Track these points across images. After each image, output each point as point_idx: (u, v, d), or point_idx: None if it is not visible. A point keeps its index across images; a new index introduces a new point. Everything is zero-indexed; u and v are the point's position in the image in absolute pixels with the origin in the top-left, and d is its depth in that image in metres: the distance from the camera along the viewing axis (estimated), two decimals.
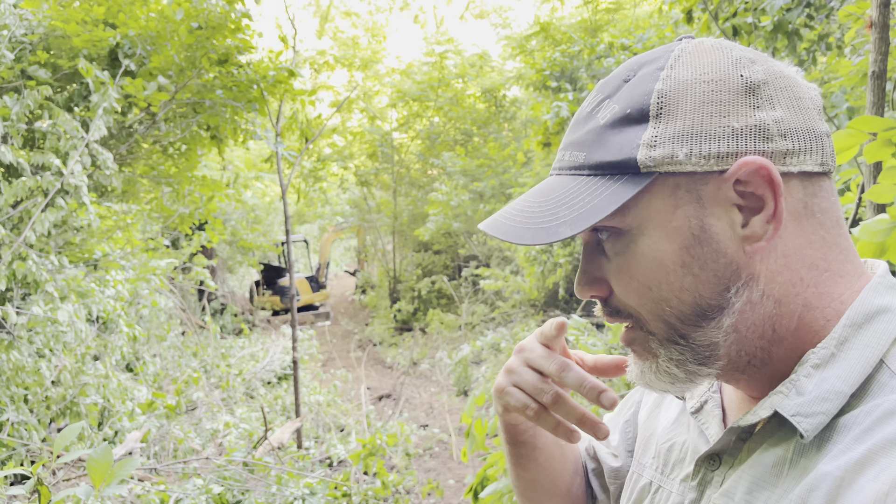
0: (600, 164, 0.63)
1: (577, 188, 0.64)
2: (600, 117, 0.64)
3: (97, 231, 5.74)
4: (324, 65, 16.34)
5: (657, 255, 0.62)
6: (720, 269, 0.61)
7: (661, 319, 0.64)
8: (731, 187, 0.60)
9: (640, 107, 0.62)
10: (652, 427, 0.85)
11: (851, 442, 0.56)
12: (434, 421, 7.79)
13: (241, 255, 14.63)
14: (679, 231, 0.61)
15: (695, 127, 0.60)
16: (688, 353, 0.64)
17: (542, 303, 10.93)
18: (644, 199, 0.62)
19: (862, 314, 0.61)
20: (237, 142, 6.24)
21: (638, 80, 0.64)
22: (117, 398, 5.12)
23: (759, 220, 0.60)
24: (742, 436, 0.66)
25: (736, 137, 0.60)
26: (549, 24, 12.03)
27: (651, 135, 0.61)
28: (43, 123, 4.66)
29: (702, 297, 0.62)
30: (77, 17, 4.84)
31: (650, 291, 0.63)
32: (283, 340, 9.41)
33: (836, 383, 0.58)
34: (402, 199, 16.06)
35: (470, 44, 23.31)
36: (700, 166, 0.60)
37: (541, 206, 0.65)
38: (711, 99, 0.60)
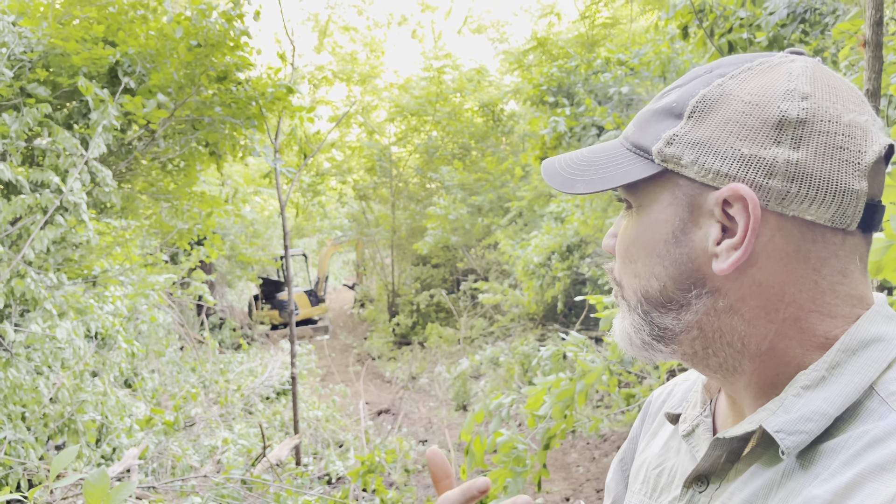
0: (636, 143, 0.69)
1: (613, 155, 0.70)
2: (660, 103, 0.69)
3: (96, 247, 5.75)
4: (322, 80, 16.43)
5: (643, 237, 0.68)
6: (685, 271, 0.65)
7: (633, 290, 0.70)
8: (720, 206, 0.63)
9: (682, 105, 0.66)
10: (645, 454, 0.86)
11: (840, 466, 0.56)
12: (433, 436, 7.76)
13: (240, 269, 14.63)
14: (664, 225, 0.66)
15: (711, 140, 0.63)
16: (644, 327, 0.70)
17: (541, 317, 10.92)
18: (652, 185, 0.67)
19: (857, 341, 0.62)
20: (236, 158, 6.26)
21: (702, 79, 0.67)
22: (115, 415, 5.10)
23: (727, 243, 0.63)
24: (730, 458, 0.67)
25: (739, 162, 0.61)
26: (547, 39, 12.11)
27: (673, 133, 0.65)
28: (42, 141, 4.67)
29: (666, 288, 0.67)
30: (77, 36, 4.87)
31: (632, 264, 0.70)
32: (281, 355, 9.39)
33: (822, 405, 0.60)
34: (400, 213, 16.09)
35: (468, 58, 23.46)
36: (699, 176, 0.63)
37: (582, 161, 0.72)
38: (739, 119, 0.62)
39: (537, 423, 3.18)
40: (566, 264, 9.40)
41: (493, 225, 13.15)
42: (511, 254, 10.92)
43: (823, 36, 4.94)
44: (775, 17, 4.95)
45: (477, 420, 3.20)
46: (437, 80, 15.32)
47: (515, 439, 2.94)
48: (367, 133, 16.80)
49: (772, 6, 5.01)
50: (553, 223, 10.12)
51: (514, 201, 12.59)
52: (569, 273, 9.44)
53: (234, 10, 5.05)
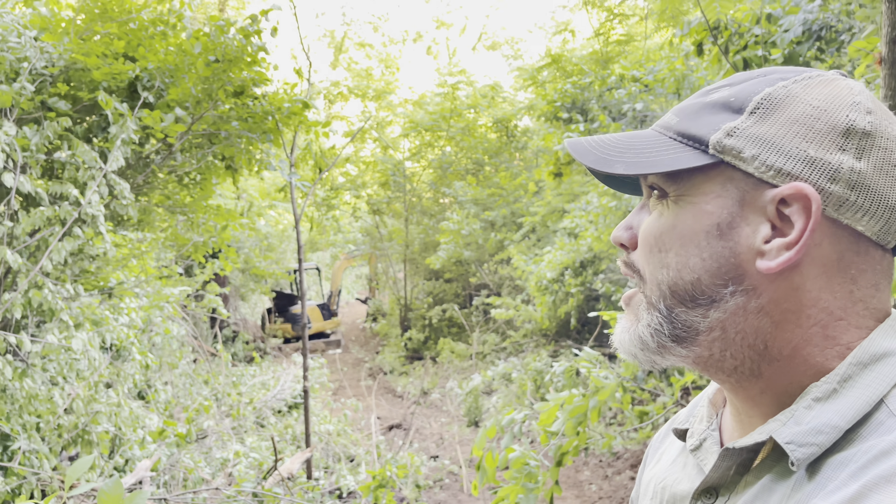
0: (684, 132, 0.67)
1: (653, 142, 0.68)
2: (710, 97, 0.68)
3: (112, 259, 5.80)
4: (338, 95, 16.56)
5: (681, 227, 0.66)
6: (726, 265, 0.64)
7: (657, 283, 0.68)
8: (775, 204, 0.62)
9: (743, 100, 0.65)
10: (653, 472, 0.85)
11: (846, 479, 0.56)
12: (444, 452, 7.72)
13: (254, 282, 14.69)
14: (709, 216, 0.65)
15: (776, 137, 0.62)
16: (665, 325, 0.67)
17: (554, 333, 10.87)
18: (698, 176, 0.66)
19: (869, 354, 0.62)
20: (251, 172, 6.31)
21: (763, 80, 0.66)
22: (129, 426, 5.12)
23: (779, 242, 0.62)
24: (739, 470, 0.67)
25: (804, 163, 0.62)
26: (561, 55, 12.17)
27: (734, 125, 0.64)
28: (62, 154, 4.74)
29: (699, 282, 0.65)
30: (97, 51, 4.94)
31: (659, 253, 0.67)
32: (294, 369, 9.41)
33: (834, 417, 0.60)
34: (413, 228, 16.13)
35: (482, 75, 23.50)
36: (759, 172, 0.62)
37: (617, 143, 0.70)
38: (806, 122, 0.62)
39: (550, 439, 3.17)
40: (579, 280, 9.36)
41: (506, 240, 13.15)
42: (524, 269, 10.90)
43: (839, 54, 4.93)
44: (790, 34, 4.95)
45: (489, 435, 3.19)
46: (451, 95, 15.41)
47: (528, 455, 2.92)
48: (381, 148, 16.89)
49: (787, 23, 5.01)
50: (566, 239, 10.10)
51: (527, 217, 12.59)
52: (582, 289, 9.40)
53: (251, 26, 5.11)
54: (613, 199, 7.90)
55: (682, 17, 9.24)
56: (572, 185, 11.07)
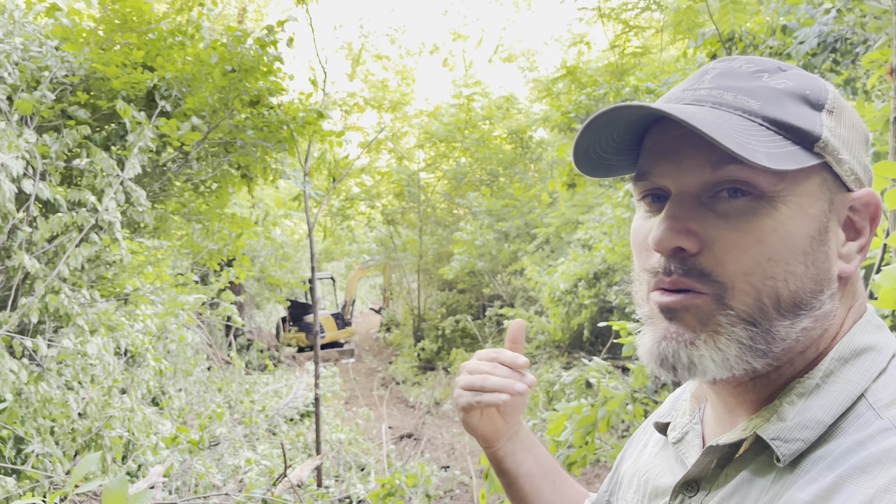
0: (778, 120, 0.61)
1: (754, 128, 0.60)
2: (772, 83, 0.63)
3: (128, 266, 5.87)
4: (354, 106, 16.67)
5: (792, 232, 0.61)
6: (823, 271, 0.62)
7: (757, 296, 0.61)
8: (847, 208, 0.64)
9: (818, 95, 0.64)
10: (636, 465, 0.86)
11: (823, 469, 0.57)
12: (455, 462, 7.70)
13: (269, 291, 14.78)
14: (814, 220, 0.62)
15: (850, 141, 0.64)
16: (759, 340, 0.61)
17: (567, 344, 10.83)
18: (801, 176, 0.62)
19: (849, 350, 0.63)
20: (266, 181, 6.37)
21: (802, 74, 0.65)
22: (142, 432, 5.16)
23: (854, 246, 0.65)
24: (720, 462, 0.67)
25: (864, 170, 0.65)
26: (576, 67, 12.17)
27: (829, 123, 0.62)
28: (81, 161, 4.81)
29: (803, 290, 0.61)
30: (117, 60, 5.02)
31: (768, 262, 0.60)
32: (306, 377, 9.44)
33: (818, 413, 0.61)
34: (427, 238, 16.16)
35: (497, 86, 23.59)
36: (846, 175, 0.63)
37: (727, 124, 0.59)
38: (857, 127, 0.65)
39: (558, 449, 3.16)
40: (593, 292, 9.33)
41: (520, 251, 13.14)
42: (537, 280, 10.88)
43: (854, 66, 4.91)
44: (805, 46, 4.94)
45: None
46: (466, 107, 15.46)
47: None
48: (396, 159, 16.97)
49: (802, 35, 5.00)
50: (580, 250, 10.08)
51: (541, 228, 12.58)
52: (595, 301, 9.37)
53: (268, 36, 5.18)
54: (628, 211, 7.88)
55: (697, 30, 9.23)
56: (586, 197, 11.05)
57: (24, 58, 4.70)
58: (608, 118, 0.63)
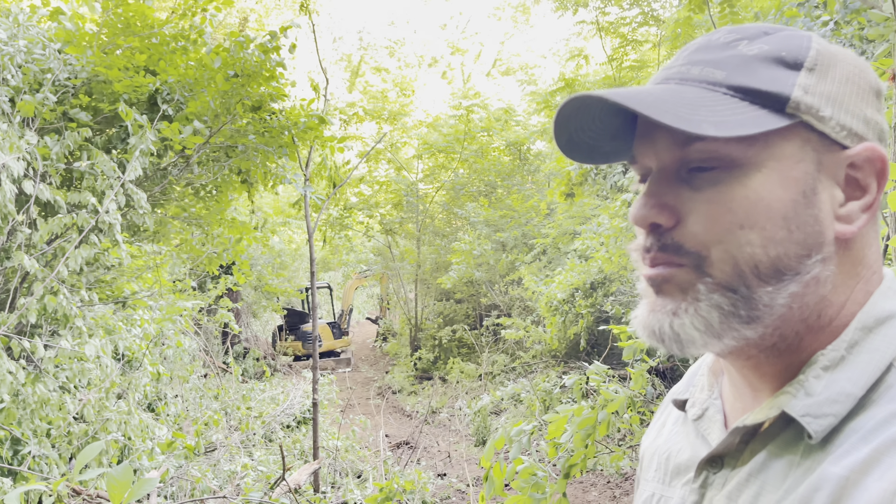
0: (744, 87, 0.61)
1: (714, 98, 0.60)
2: (744, 50, 0.63)
3: (127, 269, 5.87)
4: (353, 116, 16.72)
5: (767, 197, 0.60)
6: (811, 235, 0.60)
7: (735, 263, 0.60)
8: (845, 166, 0.61)
9: (796, 54, 0.62)
10: (656, 444, 0.85)
11: (857, 442, 0.56)
12: (452, 470, 7.67)
13: (266, 299, 14.76)
14: (796, 183, 0.60)
15: (840, 96, 0.61)
16: (741, 306, 0.61)
17: (563, 354, 10.83)
18: (775, 138, 0.60)
19: (872, 318, 0.61)
20: (266, 186, 6.38)
21: (787, 35, 0.64)
22: (138, 436, 5.14)
23: (856, 205, 0.62)
24: (745, 438, 0.65)
25: (866, 124, 0.62)
26: (574, 80, 12.25)
27: (806, 82, 0.60)
28: (81, 164, 4.82)
29: (786, 255, 0.60)
30: (119, 64, 5.05)
31: (740, 230, 0.60)
32: (303, 384, 9.41)
33: (847, 385, 0.58)
34: (425, 248, 16.17)
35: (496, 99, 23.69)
36: (835, 133, 0.61)
37: (675, 99, 0.60)
38: (855, 81, 0.62)
39: (558, 451, 3.15)
40: (590, 301, 9.34)
41: (518, 261, 13.15)
42: (535, 290, 10.89)
43: None
44: None
45: (497, 447, 3.18)
46: (465, 119, 15.53)
47: (535, 466, 2.91)
48: (395, 169, 17.01)
49: None
50: (577, 260, 10.10)
51: (538, 238, 12.61)
52: (592, 311, 9.38)
53: (270, 42, 5.21)
54: (624, 221, 7.90)
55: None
56: (584, 208, 11.08)
57: (27, 60, 4.72)
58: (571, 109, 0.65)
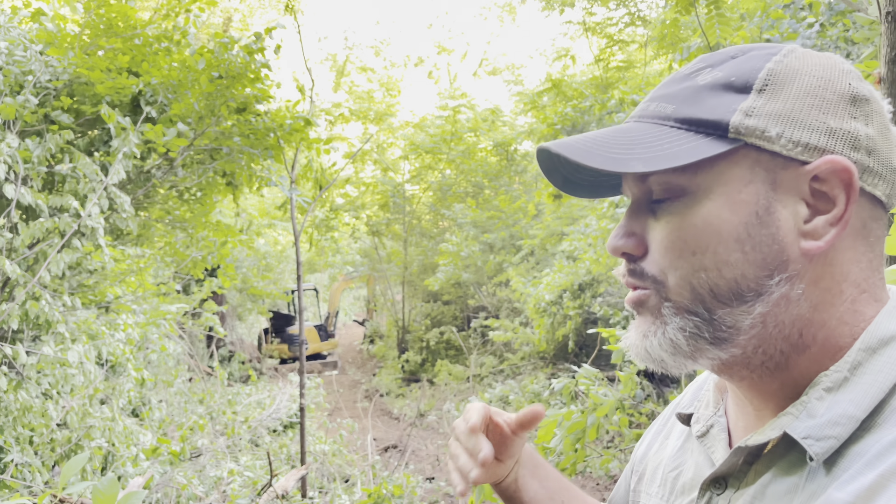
0: (689, 118, 0.62)
1: (658, 134, 0.63)
2: (699, 79, 0.64)
3: (110, 274, 5.79)
4: (339, 117, 16.66)
5: (715, 222, 0.61)
6: (770, 254, 0.60)
7: (692, 288, 0.62)
8: (808, 181, 0.60)
9: (746, 78, 0.62)
10: (659, 457, 0.84)
11: (862, 467, 0.55)
12: (440, 474, 7.65)
13: (251, 302, 14.66)
14: (745, 205, 0.61)
15: (794, 112, 0.60)
16: (705, 329, 0.62)
17: (552, 355, 10.84)
18: (721, 164, 0.61)
19: (876, 339, 0.60)
20: (252, 189, 6.33)
21: (748, 57, 0.64)
22: (122, 442, 5.07)
23: (823, 220, 0.60)
24: (748, 458, 0.65)
25: (829, 135, 0.60)
26: (561, 80, 12.27)
27: (750, 105, 0.61)
28: (63, 167, 4.75)
29: (743, 277, 0.60)
30: (102, 66, 4.98)
31: (693, 256, 0.62)
32: (290, 388, 9.35)
33: (849, 408, 0.58)
34: (412, 250, 16.13)
35: (483, 99, 23.74)
36: (787, 150, 0.60)
37: (615, 140, 0.64)
38: (816, 93, 0.61)
39: (547, 456, 3.14)
40: (578, 303, 9.35)
41: (505, 262, 13.16)
42: (522, 291, 10.89)
43: None
44: None
45: None
46: (452, 119, 15.51)
47: None
48: (381, 170, 16.96)
49: None
50: (565, 261, 10.11)
51: (526, 239, 12.62)
52: (580, 312, 9.39)
53: (255, 43, 5.16)
54: (612, 222, 7.91)
55: (680, 44, 9.34)
56: (571, 209, 11.10)
57: (7, 62, 4.65)
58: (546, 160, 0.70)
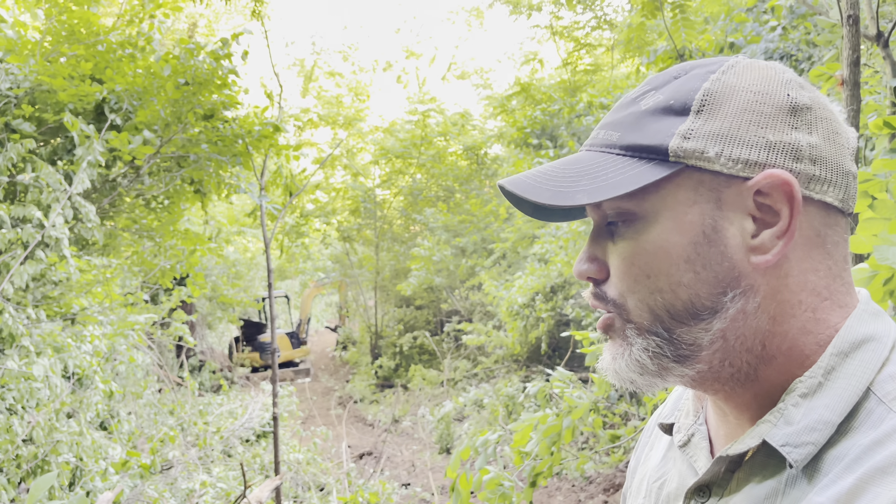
0: (632, 145, 0.64)
1: (603, 163, 0.64)
2: (643, 104, 0.65)
3: (76, 285, 5.66)
4: (308, 122, 16.55)
5: (665, 245, 0.62)
6: (722, 272, 0.61)
7: (649, 309, 0.64)
8: (751, 196, 0.61)
9: (684, 100, 0.63)
10: (644, 468, 0.84)
11: (842, 471, 0.55)
12: (416, 479, 7.62)
13: (222, 310, 14.48)
14: (692, 226, 0.62)
15: (731, 130, 0.61)
16: (666, 348, 0.64)
17: (525, 358, 10.87)
18: (666, 187, 0.62)
19: (848, 343, 0.61)
20: (220, 196, 6.24)
21: (688, 77, 0.65)
22: (91, 457, 4.96)
23: (769, 233, 0.61)
24: (731, 466, 0.65)
25: (768, 149, 0.61)
26: (530, 84, 12.34)
27: (688, 127, 0.61)
28: (25, 176, 4.64)
29: (697, 297, 0.62)
30: (64, 73, 4.88)
31: (647, 280, 0.63)
32: (262, 397, 9.24)
33: (825, 413, 0.58)
34: (384, 255, 16.08)
35: (452, 103, 23.76)
36: (727, 168, 0.60)
37: (564, 173, 0.65)
38: (754, 108, 0.61)
39: (524, 460, 3.14)
40: (550, 305, 9.40)
41: (477, 266, 13.18)
42: (495, 295, 10.92)
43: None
44: None
45: (463, 457, 3.15)
46: (421, 123, 15.51)
47: (502, 476, 2.89)
48: (351, 175, 16.88)
49: (748, 52, 5.16)
50: (537, 264, 10.15)
51: (497, 243, 12.65)
52: (553, 314, 9.43)
53: (222, 49, 5.10)
54: (583, 224, 7.97)
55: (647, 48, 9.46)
56: None
57: None
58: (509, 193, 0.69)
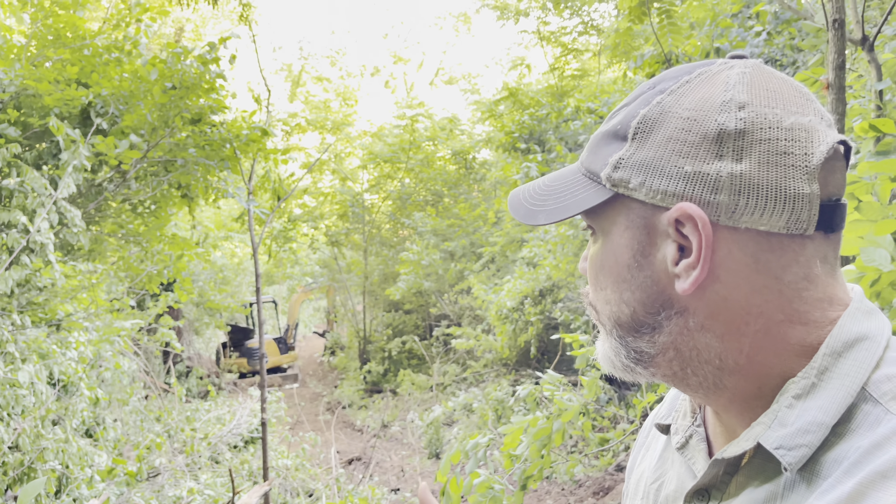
0: (588, 168, 0.68)
1: (570, 182, 0.70)
2: (607, 125, 0.68)
3: (61, 291, 5.61)
4: (295, 127, 16.51)
5: (609, 262, 0.67)
6: (652, 294, 0.64)
7: (606, 318, 0.69)
8: (673, 225, 0.62)
9: (626, 127, 0.65)
10: (640, 469, 0.84)
11: (841, 475, 0.55)
12: (405, 485, 7.60)
13: (209, 316, 14.39)
14: (627, 249, 0.65)
15: (655, 160, 0.62)
16: (622, 351, 0.68)
17: (514, 362, 10.87)
18: (610, 210, 0.66)
19: (841, 342, 0.60)
20: (208, 201, 6.21)
21: (642, 98, 0.65)
22: (77, 464, 4.91)
23: (685, 263, 0.61)
24: (729, 469, 0.65)
25: (684, 180, 0.60)
26: (518, 89, 12.37)
27: (619, 156, 0.64)
28: (10, 181, 4.60)
29: (636, 313, 0.66)
30: (49, 77, 4.85)
31: (603, 291, 0.69)
32: (250, 403, 9.19)
33: (818, 414, 0.58)
34: (372, 259, 16.06)
35: (440, 108, 23.79)
36: (649, 198, 0.62)
37: (543, 190, 0.72)
38: (679, 137, 0.61)
39: (514, 463, 3.14)
40: (539, 309, 9.41)
41: (466, 270, 13.18)
42: (484, 299, 10.92)
43: None
44: None
45: (453, 461, 3.14)
46: (410, 128, 15.51)
47: (492, 480, 2.88)
48: (340, 180, 16.86)
49: None
50: (525, 268, 10.17)
51: (486, 247, 12.66)
52: (542, 318, 9.45)
53: (209, 53, 5.08)
54: (571, 228, 7.99)
55: (633, 53, 9.52)
56: None
57: None
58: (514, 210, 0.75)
